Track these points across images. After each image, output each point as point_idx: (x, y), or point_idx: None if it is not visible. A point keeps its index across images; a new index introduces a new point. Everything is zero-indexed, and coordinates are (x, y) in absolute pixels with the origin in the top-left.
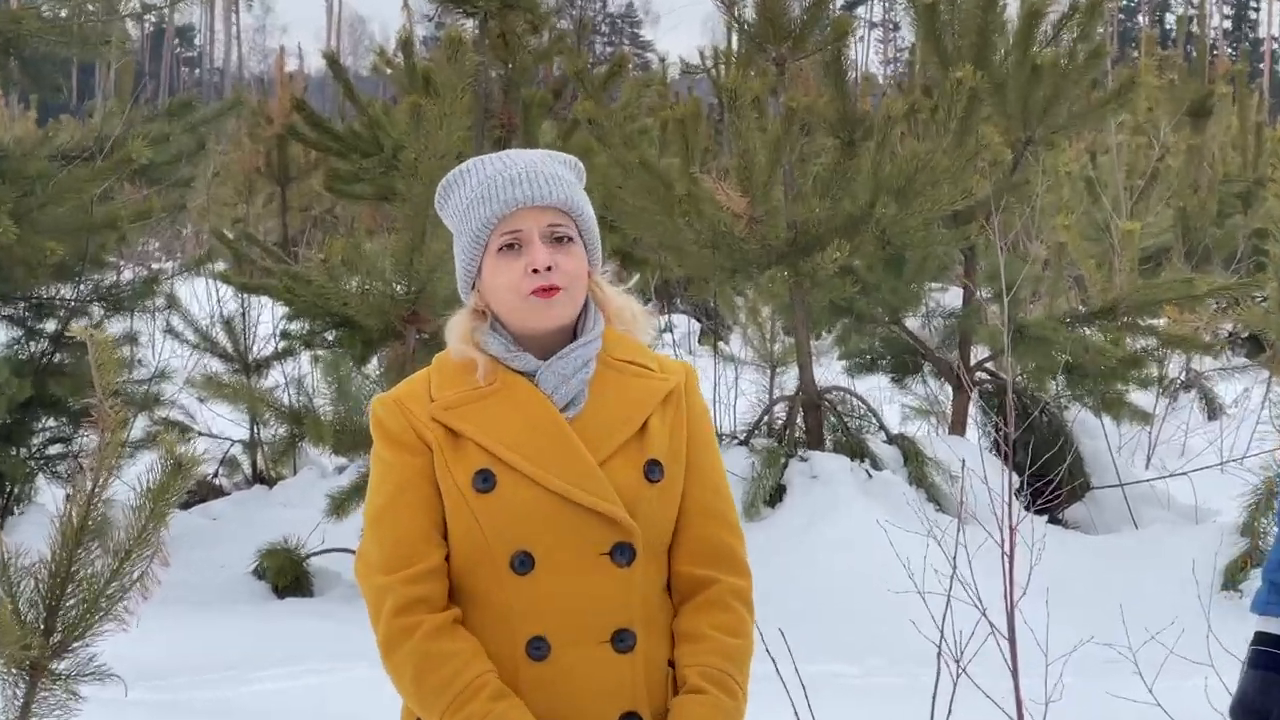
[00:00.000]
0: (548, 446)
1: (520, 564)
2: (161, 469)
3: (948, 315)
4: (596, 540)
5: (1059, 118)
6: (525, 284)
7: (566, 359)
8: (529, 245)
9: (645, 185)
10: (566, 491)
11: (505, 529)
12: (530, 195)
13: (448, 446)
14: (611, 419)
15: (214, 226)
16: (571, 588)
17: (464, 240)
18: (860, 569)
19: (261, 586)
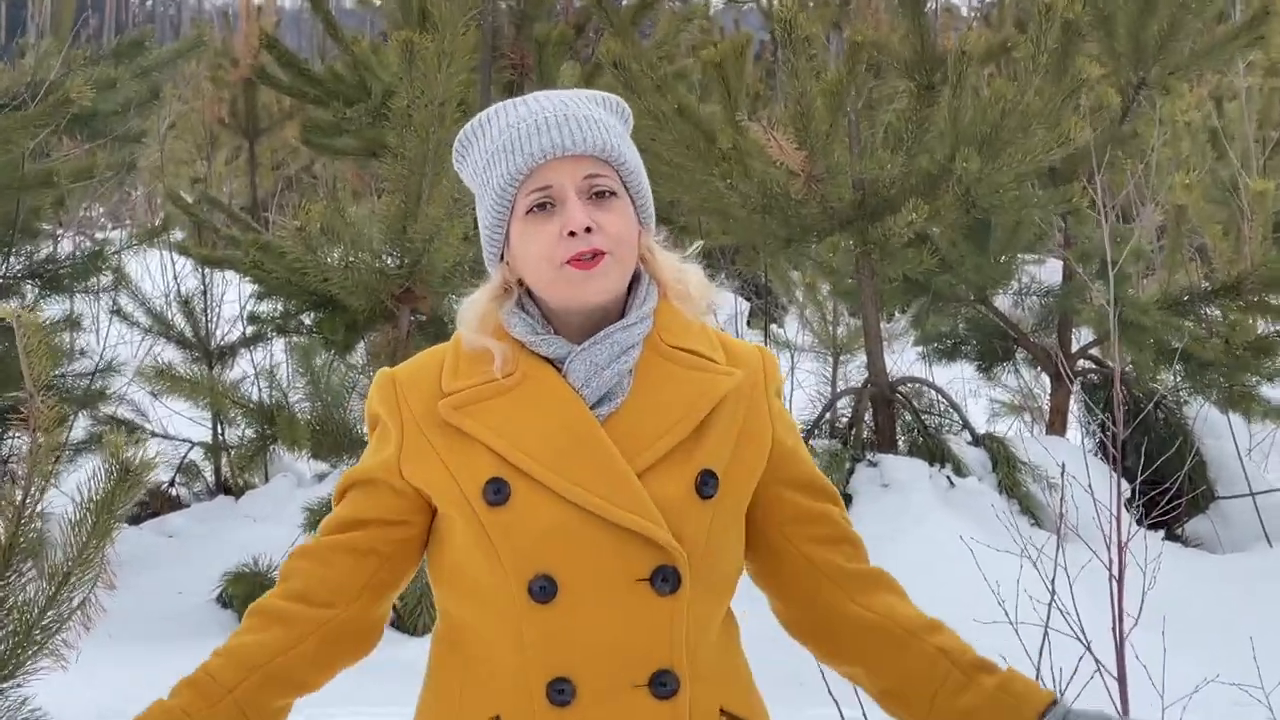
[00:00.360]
0: (572, 451)
1: (541, 590)
2: (106, 476)
3: (1044, 293)
4: (633, 564)
5: (1177, 56)
6: (560, 250)
7: (602, 344)
8: (563, 204)
9: (683, 137)
10: (594, 506)
11: (522, 549)
12: (561, 142)
13: (453, 453)
14: (658, 419)
15: (169, 188)
16: (602, 620)
17: (487, 203)
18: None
19: (227, 616)
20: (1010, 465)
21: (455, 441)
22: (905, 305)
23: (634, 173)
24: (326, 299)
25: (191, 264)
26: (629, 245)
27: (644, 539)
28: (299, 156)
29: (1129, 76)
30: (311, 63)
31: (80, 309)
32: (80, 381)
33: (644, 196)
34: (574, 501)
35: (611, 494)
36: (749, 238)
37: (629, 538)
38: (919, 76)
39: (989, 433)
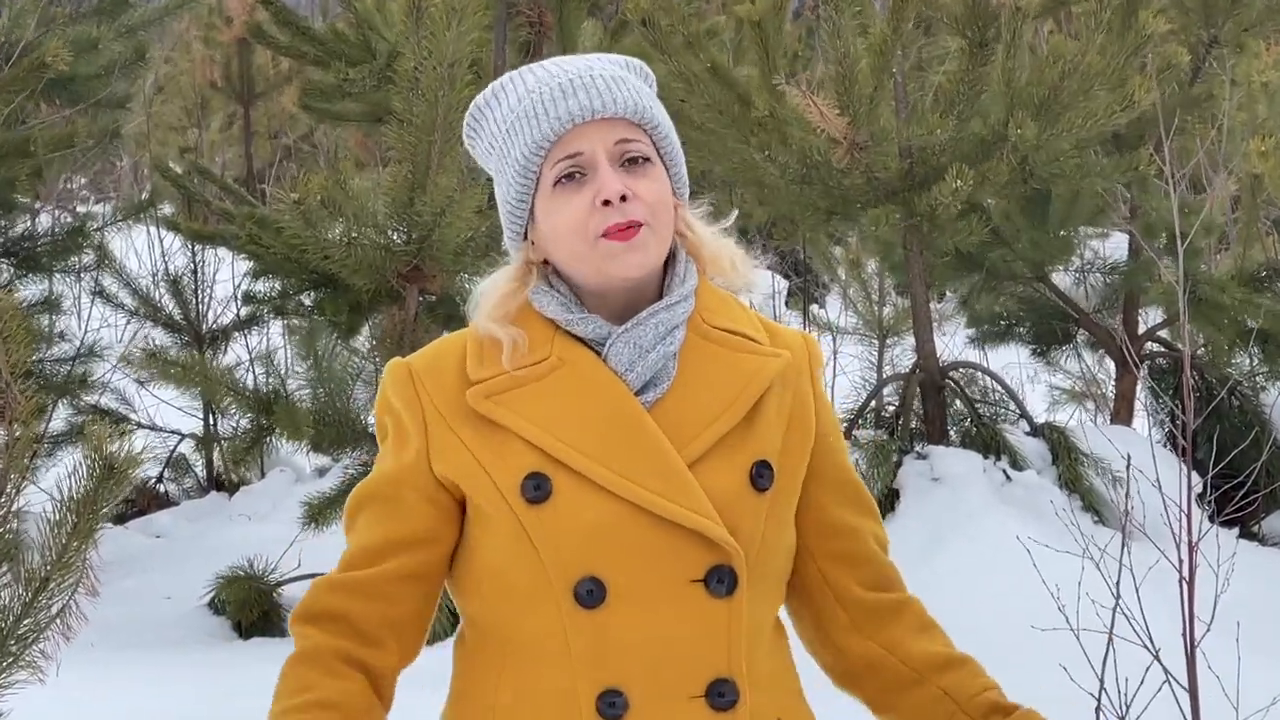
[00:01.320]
0: (619, 441)
1: (589, 594)
2: (88, 472)
3: (1108, 270)
4: (687, 564)
5: (1253, 11)
6: (594, 222)
7: (645, 325)
8: (595, 171)
9: (716, 102)
10: (645, 500)
11: (567, 549)
12: (590, 105)
13: (485, 445)
14: (706, 406)
15: (156, 157)
16: (655, 625)
17: (508, 176)
18: (996, 598)
19: (219, 623)
20: (1071, 457)
21: (487, 434)
22: (956, 284)
23: (667, 137)
24: (328, 278)
25: (181, 240)
26: (666, 216)
27: (698, 537)
28: (298, 124)
29: (1199, 34)
30: (312, 21)
31: (60, 289)
32: (60, 368)
33: (678, 164)
34: (623, 496)
35: (664, 488)
36: (787, 210)
37: (683, 535)
38: (971, 34)
39: (1048, 422)
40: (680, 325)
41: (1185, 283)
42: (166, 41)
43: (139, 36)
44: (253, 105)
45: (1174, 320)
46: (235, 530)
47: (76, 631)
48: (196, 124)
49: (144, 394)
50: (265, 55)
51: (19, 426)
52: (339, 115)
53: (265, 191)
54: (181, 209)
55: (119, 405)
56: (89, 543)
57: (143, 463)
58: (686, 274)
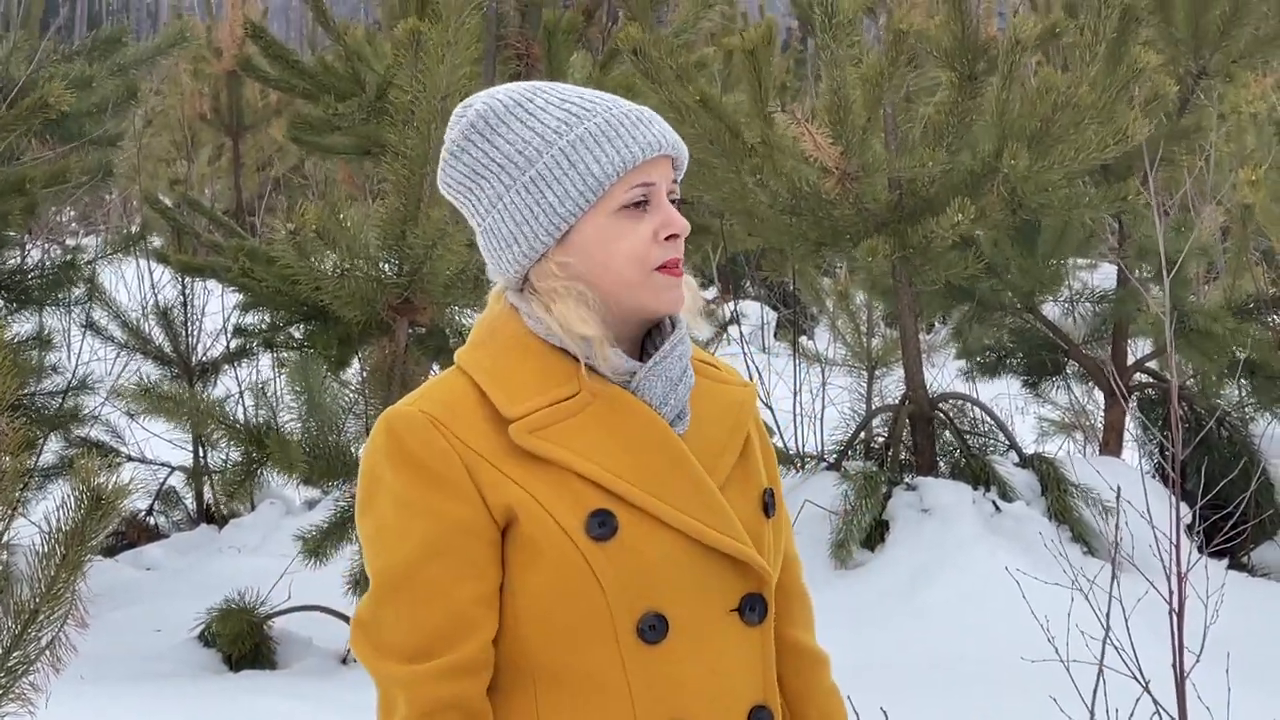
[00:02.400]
0: (669, 475)
1: (651, 630)
2: (77, 505)
3: (1097, 300)
4: (727, 594)
5: (1240, 43)
6: (656, 253)
7: (671, 359)
8: (660, 204)
9: (706, 131)
10: (699, 533)
11: (634, 586)
12: (668, 139)
13: (538, 481)
14: (715, 438)
15: (146, 190)
16: (708, 657)
17: (560, 189)
18: (985, 629)
19: (210, 656)
20: (1060, 488)
21: (537, 471)
22: (946, 314)
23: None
24: (318, 310)
25: (170, 273)
26: None
27: (735, 566)
28: (286, 156)
29: (1188, 65)
30: (300, 54)
31: (50, 323)
32: (50, 401)
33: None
34: (680, 529)
35: (710, 517)
36: (776, 241)
37: (726, 565)
38: (960, 66)
39: (1037, 453)
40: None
41: (1172, 314)
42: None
43: (130, 75)
44: (241, 138)
45: (1162, 351)
46: (225, 563)
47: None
48: (186, 156)
49: (134, 427)
50: (254, 88)
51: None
52: (328, 148)
53: (254, 224)
54: (171, 241)
55: (109, 438)
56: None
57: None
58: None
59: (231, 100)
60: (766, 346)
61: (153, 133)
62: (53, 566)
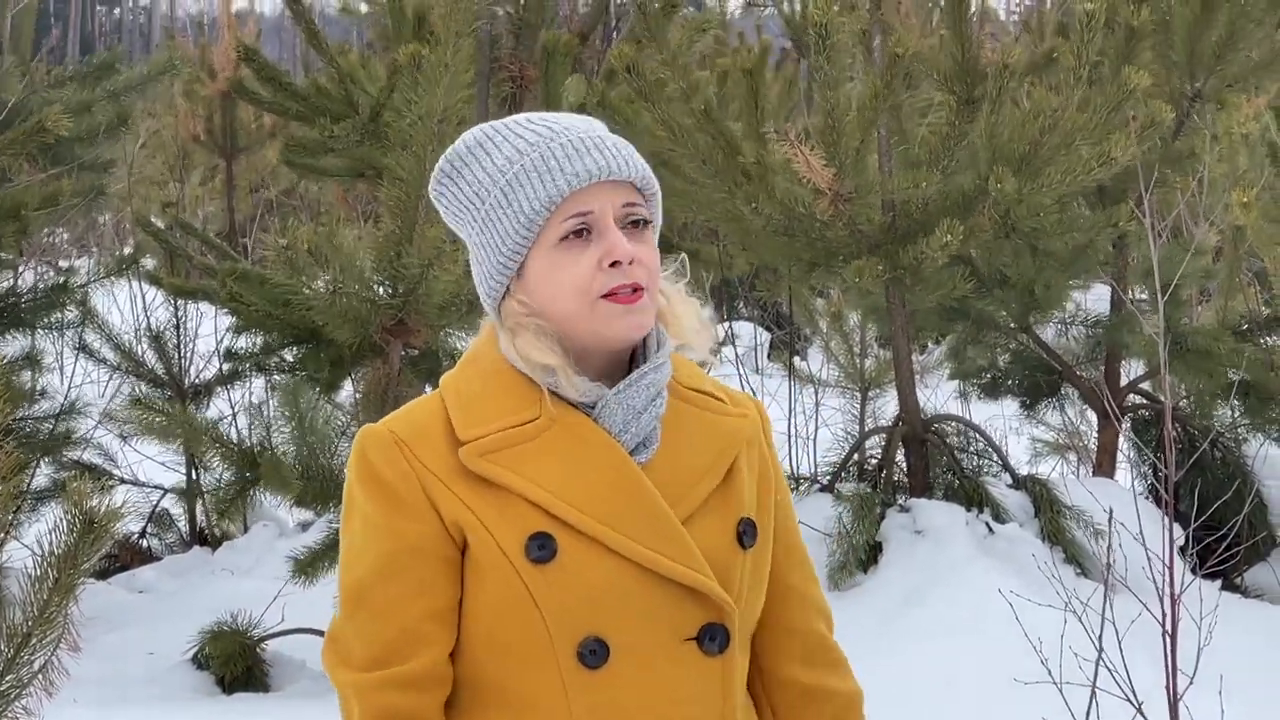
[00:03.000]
0: (619, 501)
1: (592, 654)
2: (69, 528)
3: (1091, 322)
4: (682, 622)
5: (1234, 66)
6: (599, 282)
7: (637, 387)
8: (603, 232)
9: (701, 151)
10: (648, 560)
11: (572, 609)
12: (606, 165)
13: (485, 504)
14: (691, 466)
15: (138, 212)
16: (655, 684)
17: (504, 227)
18: (979, 651)
19: (203, 678)
20: (1054, 510)
21: (484, 493)
22: (941, 336)
23: (659, 204)
24: (310, 332)
25: (163, 295)
26: (658, 280)
27: (694, 595)
28: (280, 178)
29: (1182, 88)
30: (294, 76)
31: (42, 345)
32: (43, 425)
33: (659, 229)
34: (627, 556)
35: (664, 546)
36: (770, 261)
37: (681, 594)
38: (959, 89)
39: (1031, 475)
40: (665, 388)
41: (1166, 335)
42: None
43: (122, 101)
44: (235, 160)
45: (1156, 373)
46: (218, 585)
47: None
48: (179, 178)
49: (127, 450)
50: (247, 110)
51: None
52: (322, 170)
53: (247, 246)
54: (164, 263)
55: (102, 461)
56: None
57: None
58: (664, 337)
59: (225, 122)
60: (760, 367)
61: (147, 155)
62: (45, 590)
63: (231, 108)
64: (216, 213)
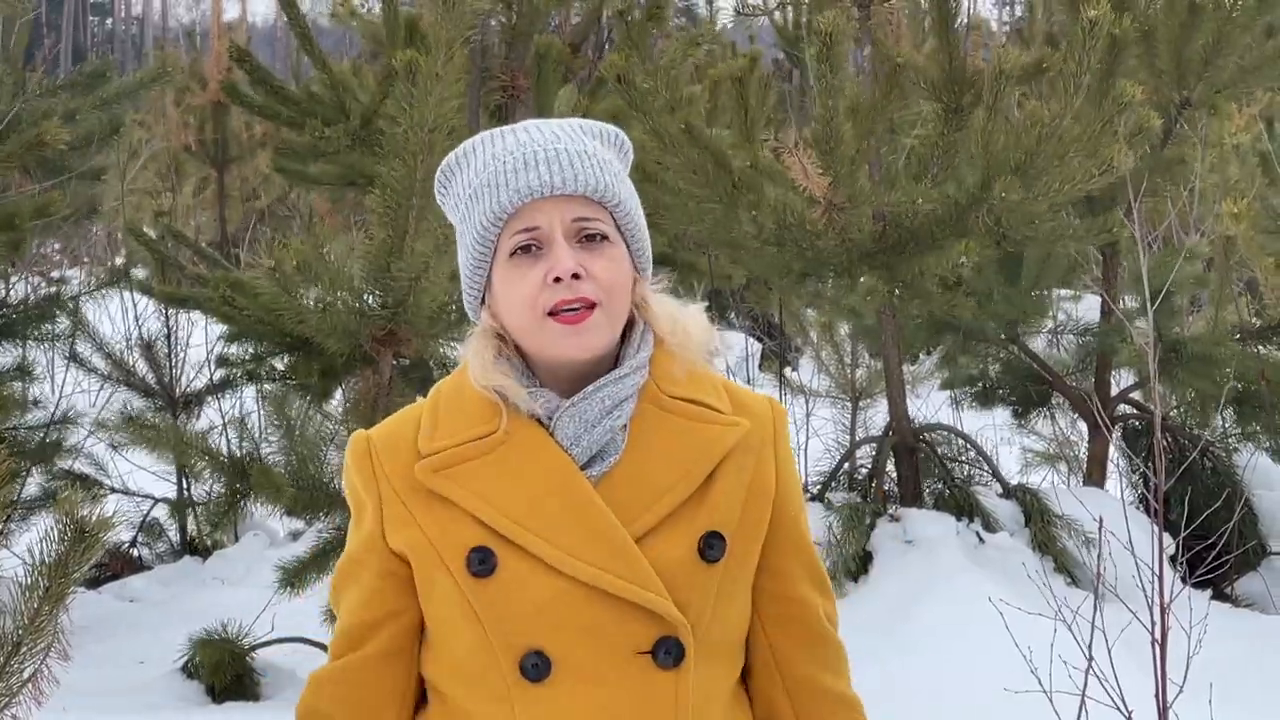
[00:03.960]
0: (563, 517)
1: (534, 668)
2: (60, 536)
3: (1081, 331)
4: (634, 637)
5: (1224, 73)
6: (544, 298)
7: (590, 399)
8: (550, 246)
9: (691, 161)
10: (588, 576)
11: (510, 623)
12: (549, 180)
13: (432, 518)
14: (659, 477)
15: (130, 221)
16: (602, 698)
17: (467, 242)
18: (969, 660)
19: (193, 688)
20: (1044, 519)
21: (435, 508)
22: (931, 345)
23: (630, 215)
24: (301, 341)
25: (154, 305)
26: (621, 294)
27: (646, 611)
28: (271, 187)
29: (1171, 95)
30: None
31: (33, 355)
32: (34, 434)
33: (640, 241)
34: (567, 572)
35: (607, 562)
36: (761, 272)
37: (629, 609)
38: (947, 98)
39: (1021, 484)
40: (630, 398)
41: (1156, 344)
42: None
43: (114, 110)
44: (226, 169)
45: (1146, 382)
46: (209, 594)
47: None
48: (170, 188)
49: (117, 459)
50: (239, 119)
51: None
52: (312, 178)
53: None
54: (155, 272)
55: (93, 470)
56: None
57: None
58: (641, 345)
59: (217, 131)
60: (751, 378)
61: (140, 166)
62: (35, 598)
63: (223, 117)
64: (208, 222)
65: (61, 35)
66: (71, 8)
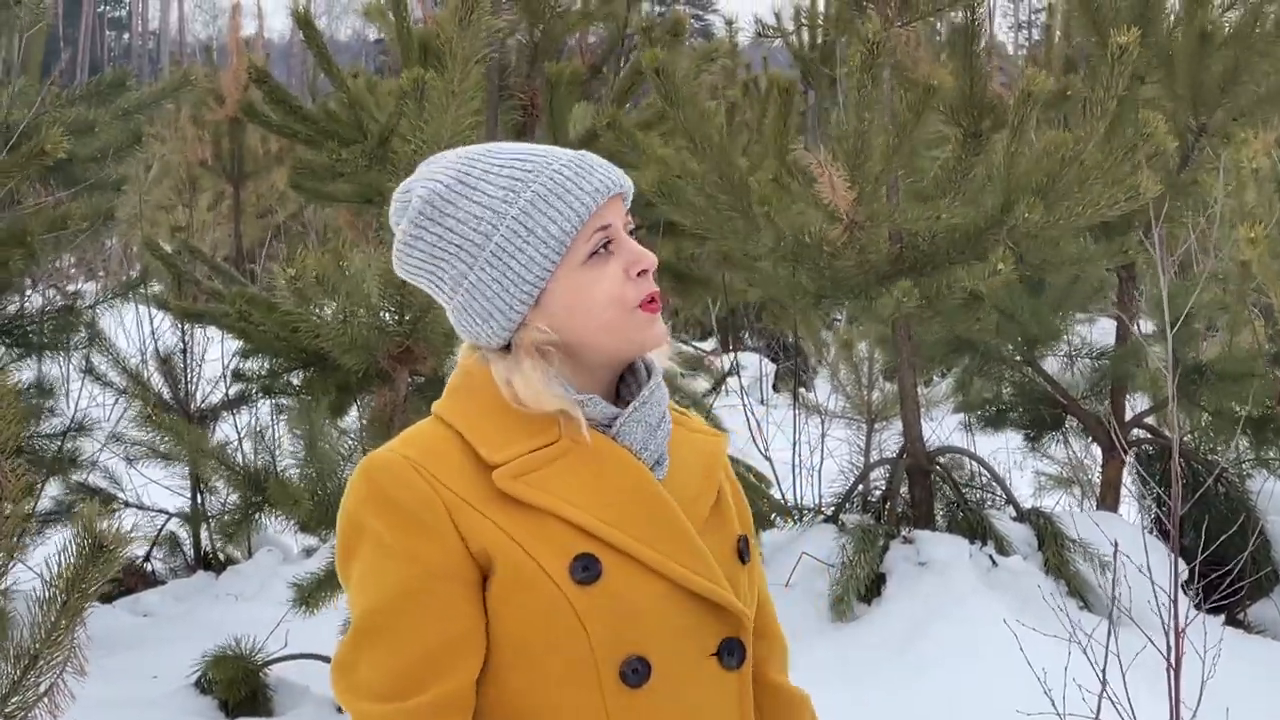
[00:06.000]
0: (652, 519)
1: (634, 673)
2: (78, 551)
3: (1097, 355)
4: (706, 638)
5: (1241, 100)
6: (632, 291)
7: (651, 404)
8: (623, 243)
9: (719, 168)
10: (681, 578)
11: (616, 629)
12: (615, 179)
13: (519, 526)
14: (690, 484)
15: (147, 236)
16: (687, 700)
17: (525, 256)
18: (982, 683)
19: (206, 703)
20: (1058, 543)
21: (518, 515)
22: (948, 366)
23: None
24: (317, 357)
25: (170, 320)
26: None
27: (716, 611)
28: (287, 203)
29: (1188, 121)
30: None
31: (49, 369)
32: (49, 445)
33: None
34: (664, 574)
35: (692, 563)
36: (776, 293)
37: (705, 610)
38: (966, 122)
39: (1035, 508)
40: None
41: (1175, 368)
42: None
43: (135, 120)
44: (242, 185)
45: (1161, 406)
46: (222, 609)
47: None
48: (187, 203)
49: (132, 473)
50: (255, 135)
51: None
52: (329, 195)
53: (254, 271)
54: (171, 287)
55: (107, 484)
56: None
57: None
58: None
59: (233, 147)
60: (765, 398)
61: (153, 178)
62: (53, 612)
63: (239, 133)
64: (223, 237)
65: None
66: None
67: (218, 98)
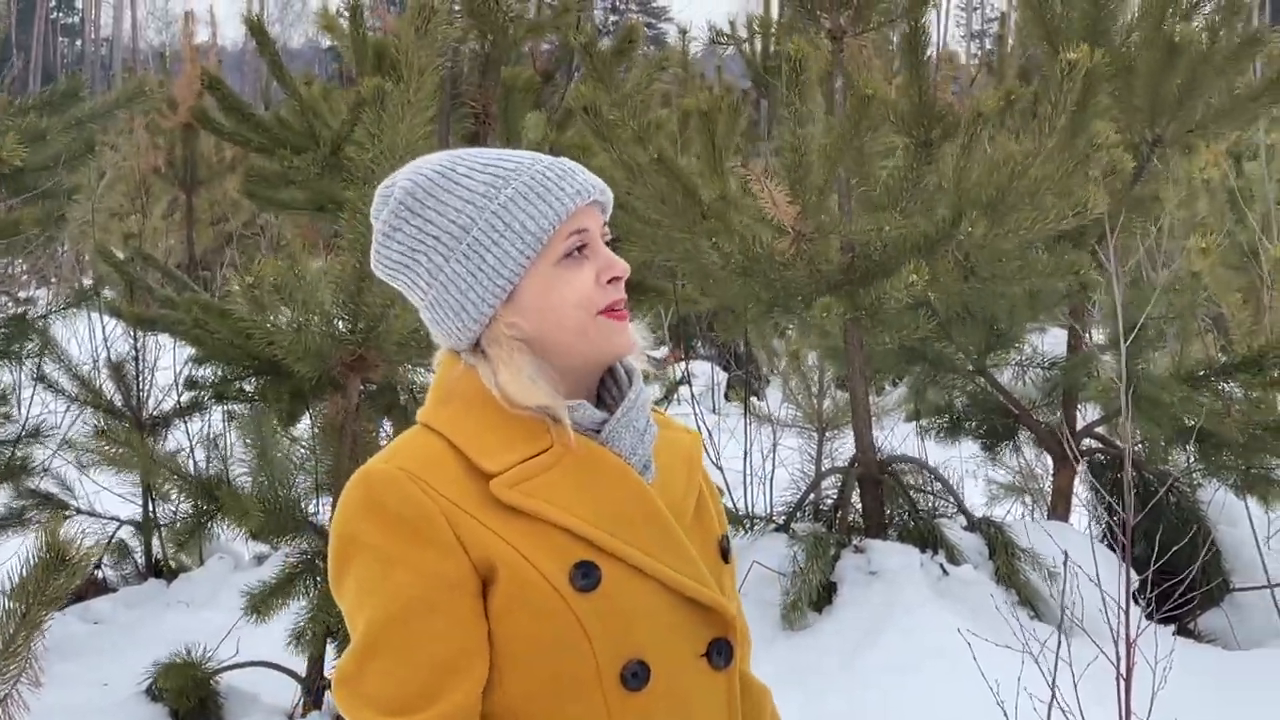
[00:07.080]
0: (645, 524)
1: (634, 677)
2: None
3: (1048, 365)
4: (697, 639)
5: (1197, 113)
6: (600, 297)
7: (636, 409)
8: (594, 248)
9: (659, 191)
10: (675, 582)
11: (617, 634)
12: (594, 184)
13: (518, 534)
14: (674, 485)
15: (99, 243)
16: (683, 702)
17: (500, 250)
18: (931, 693)
19: (157, 711)
20: (1009, 552)
21: (517, 523)
22: (899, 377)
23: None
24: (271, 364)
25: (122, 327)
26: None
27: (705, 612)
28: (240, 211)
29: (1144, 133)
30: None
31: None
32: (1, 451)
33: None
34: (658, 578)
35: (683, 566)
36: (729, 301)
37: (696, 612)
38: (916, 132)
39: (986, 517)
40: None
41: (1127, 381)
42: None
43: (88, 129)
44: (195, 192)
45: (1113, 416)
46: (174, 617)
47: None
48: (139, 210)
49: (84, 480)
50: (209, 143)
51: None
52: (282, 203)
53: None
54: (124, 294)
55: (59, 491)
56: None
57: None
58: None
59: (186, 154)
60: (717, 407)
61: (106, 185)
62: (12, 624)
63: (192, 140)
64: (177, 244)
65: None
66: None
67: (171, 105)
